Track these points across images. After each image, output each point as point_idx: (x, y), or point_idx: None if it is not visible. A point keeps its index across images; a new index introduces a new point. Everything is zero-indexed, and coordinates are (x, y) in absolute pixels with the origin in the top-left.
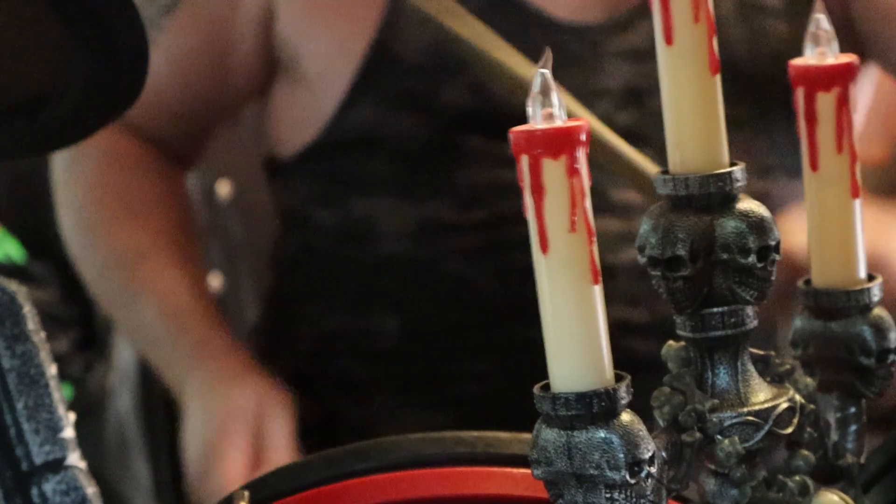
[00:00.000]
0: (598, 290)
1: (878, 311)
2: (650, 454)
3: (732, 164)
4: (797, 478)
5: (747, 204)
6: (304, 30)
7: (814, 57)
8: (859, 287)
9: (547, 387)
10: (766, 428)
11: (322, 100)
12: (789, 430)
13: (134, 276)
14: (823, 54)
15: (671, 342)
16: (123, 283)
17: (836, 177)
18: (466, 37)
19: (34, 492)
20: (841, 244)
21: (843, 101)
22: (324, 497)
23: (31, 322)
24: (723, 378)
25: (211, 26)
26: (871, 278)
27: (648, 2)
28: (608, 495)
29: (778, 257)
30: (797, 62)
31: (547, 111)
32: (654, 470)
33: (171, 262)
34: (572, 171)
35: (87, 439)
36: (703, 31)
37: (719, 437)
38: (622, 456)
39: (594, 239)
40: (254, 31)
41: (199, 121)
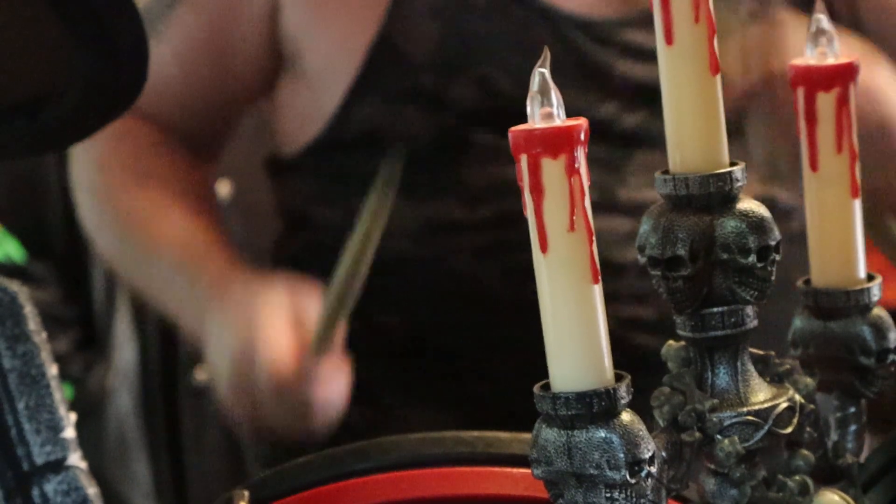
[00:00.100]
0: (597, 290)
1: (878, 311)
2: (650, 454)
3: (732, 164)
4: (797, 478)
5: (747, 204)
6: (306, 25)
7: (814, 57)
8: (859, 287)
9: (547, 386)
10: (766, 428)
11: (325, 96)
12: (789, 429)
13: (149, 231)
14: (823, 54)
15: (671, 342)
16: (139, 240)
17: (836, 177)
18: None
19: (35, 492)
20: (841, 244)
21: (843, 101)
22: (324, 497)
23: (32, 322)
24: (723, 378)
25: (215, 20)
26: (870, 278)
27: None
28: (608, 495)
29: (778, 257)
30: (797, 62)
31: (546, 110)
32: (654, 470)
33: (186, 214)
34: (571, 171)
35: (88, 439)
36: (704, 31)
37: (719, 436)
38: (622, 455)
39: (594, 238)
40: (258, 25)
41: (210, 115)
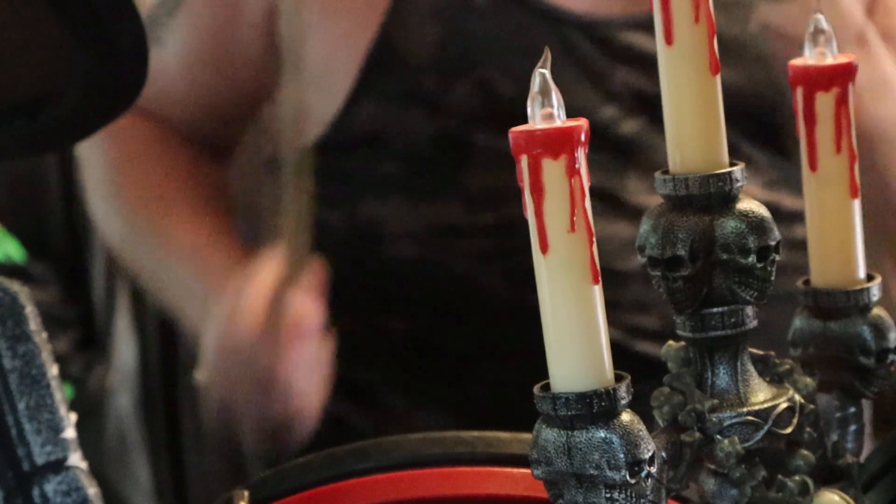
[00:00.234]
0: (597, 291)
1: (878, 311)
2: (650, 454)
3: (732, 164)
4: (797, 478)
5: (747, 204)
6: (307, 26)
7: (813, 57)
8: (859, 287)
9: (547, 387)
10: (766, 428)
11: (325, 98)
12: (789, 430)
13: (156, 223)
14: (823, 54)
15: (671, 342)
16: (147, 232)
17: (836, 177)
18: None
19: (35, 492)
20: (840, 244)
21: (842, 101)
22: (324, 497)
23: (33, 322)
24: (722, 378)
25: (214, 24)
26: (870, 278)
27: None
28: (608, 495)
29: (778, 257)
30: (796, 62)
31: (546, 111)
32: (653, 470)
33: (193, 205)
34: (572, 171)
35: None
36: (704, 31)
37: (719, 437)
38: (622, 456)
39: (594, 239)
40: (257, 27)
41: (213, 118)
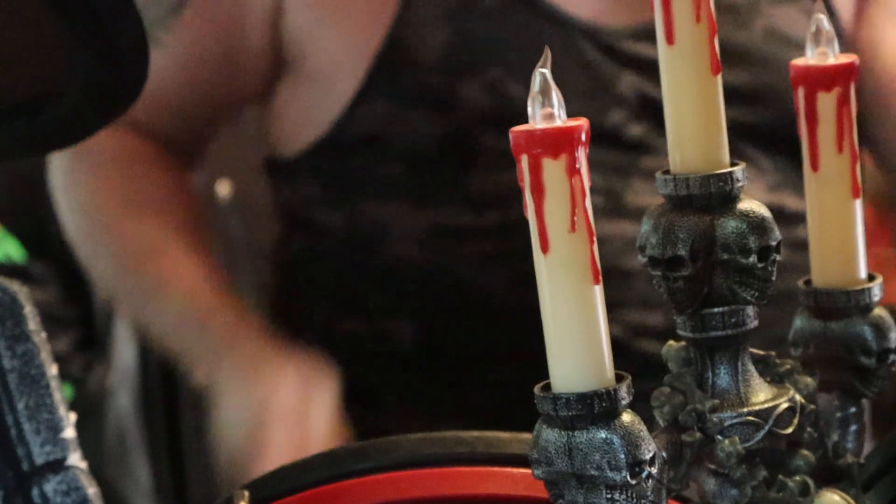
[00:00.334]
0: (598, 290)
1: (879, 311)
2: (651, 454)
3: (733, 164)
4: (797, 478)
5: (748, 204)
6: (312, 27)
7: (814, 57)
8: (859, 287)
9: (548, 387)
10: (766, 428)
11: (329, 99)
12: (789, 430)
13: (152, 271)
14: (824, 54)
15: (671, 342)
16: (141, 279)
17: (837, 177)
18: None
19: (35, 492)
20: (841, 244)
21: (843, 101)
22: (324, 497)
23: (33, 322)
24: (723, 378)
25: (218, 25)
26: (871, 278)
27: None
28: (609, 496)
29: (779, 257)
30: (798, 62)
31: (547, 111)
32: (654, 470)
33: (188, 254)
34: (572, 171)
35: (88, 439)
36: (705, 31)
37: (719, 437)
38: (623, 456)
39: (594, 239)
40: (262, 28)
41: (204, 119)
